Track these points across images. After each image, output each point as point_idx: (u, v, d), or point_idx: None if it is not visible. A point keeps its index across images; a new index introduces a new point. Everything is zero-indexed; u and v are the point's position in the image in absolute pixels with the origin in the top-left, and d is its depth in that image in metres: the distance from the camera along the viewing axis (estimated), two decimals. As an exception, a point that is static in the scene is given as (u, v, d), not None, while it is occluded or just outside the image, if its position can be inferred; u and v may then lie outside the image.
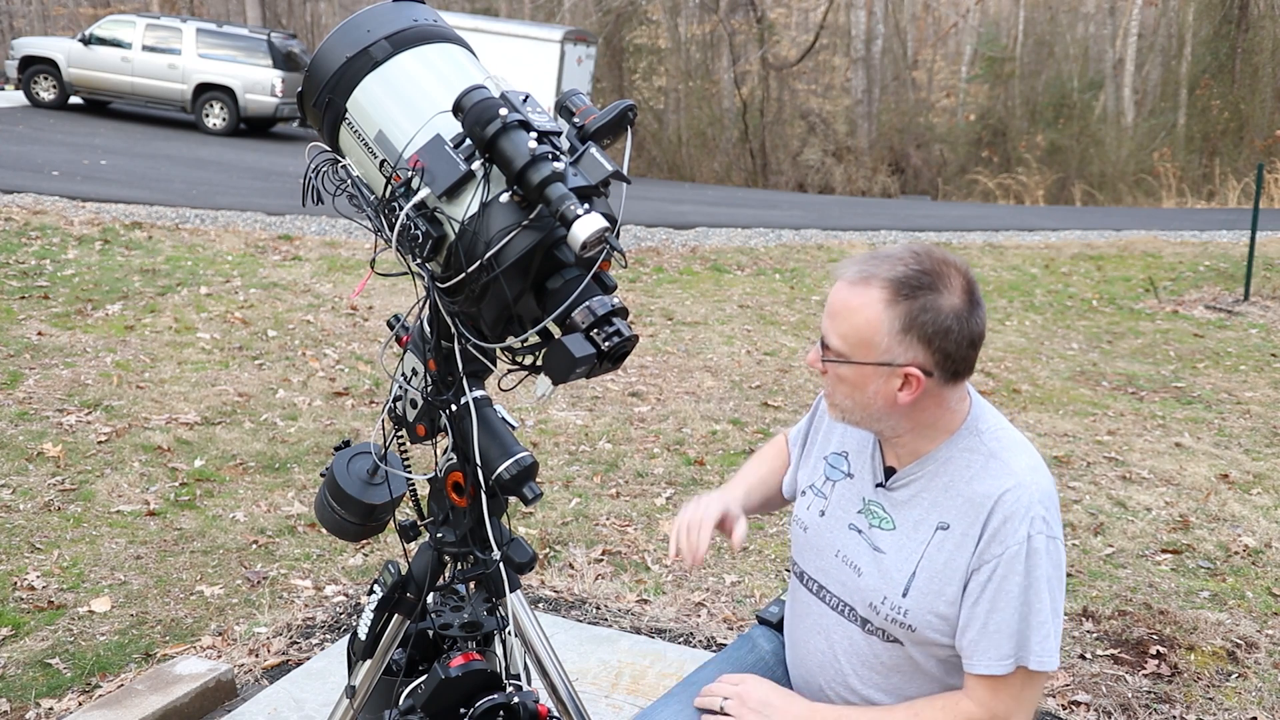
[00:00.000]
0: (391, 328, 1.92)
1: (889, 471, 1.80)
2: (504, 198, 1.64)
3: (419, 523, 1.97)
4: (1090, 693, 3.25)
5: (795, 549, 1.96)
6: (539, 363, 1.74)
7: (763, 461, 2.16)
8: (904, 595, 1.74)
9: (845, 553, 1.82)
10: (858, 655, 1.82)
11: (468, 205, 1.64)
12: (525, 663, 2.01)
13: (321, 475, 1.99)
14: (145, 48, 18.10)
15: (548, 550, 4.07)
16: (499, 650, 1.96)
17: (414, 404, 1.86)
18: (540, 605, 3.61)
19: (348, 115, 1.74)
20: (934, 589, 1.71)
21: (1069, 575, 4.09)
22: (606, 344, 1.67)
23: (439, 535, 1.91)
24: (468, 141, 1.64)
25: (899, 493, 1.78)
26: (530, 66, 17.38)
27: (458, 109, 1.62)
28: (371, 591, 1.95)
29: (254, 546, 3.98)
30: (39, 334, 6.31)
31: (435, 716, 1.83)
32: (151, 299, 7.36)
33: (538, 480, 1.80)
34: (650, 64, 28.87)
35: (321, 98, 1.76)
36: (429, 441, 1.88)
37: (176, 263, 8.50)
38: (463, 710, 1.81)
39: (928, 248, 1.71)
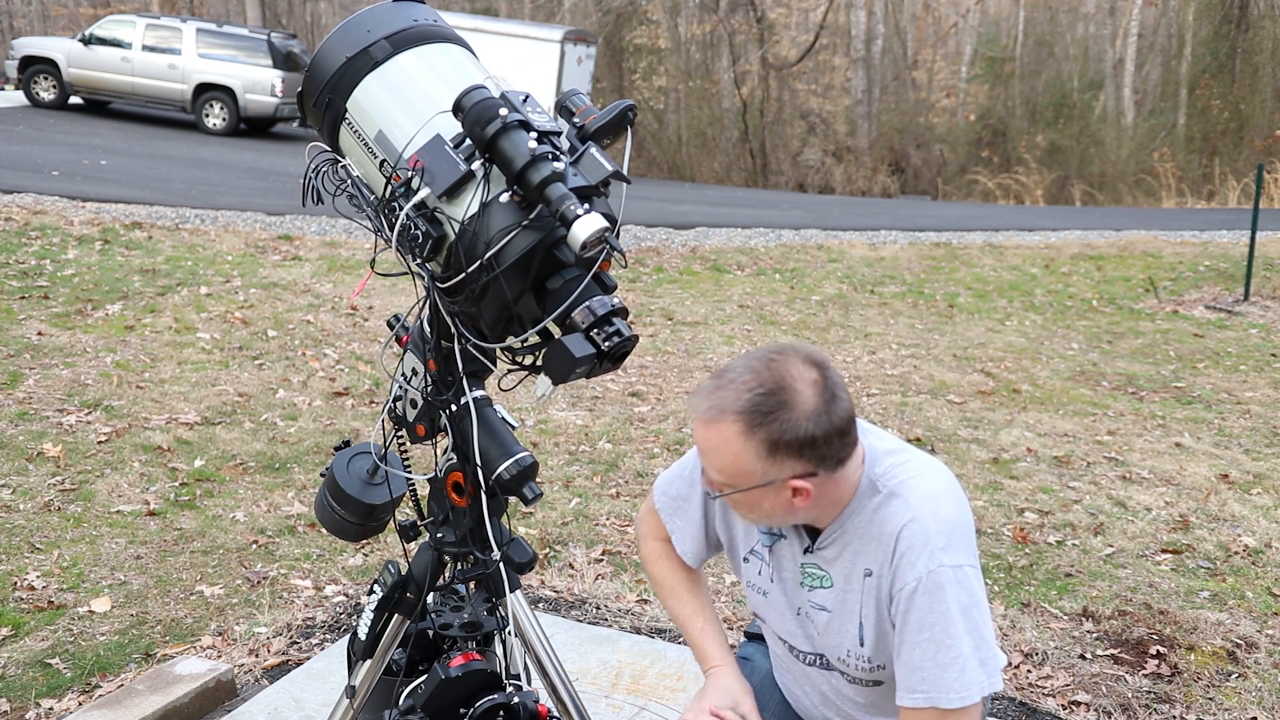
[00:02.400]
0: (391, 328, 1.92)
1: (813, 533, 1.80)
2: (504, 198, 1.64)
3: (419, 523, 1.97)
4: (1090, 693, 3.25)
5: (757, 609, 1.95)
6: (539, 363, 1.74)
7: (692, 604, 2.03)
8: (862, 645, 1.76)
9: (805, 610, 1.84)
10: (848, 698, 1.86)
11: (468, 205, 1.64)
12: (525, 663, 2.01)
13: (321, 475, 1.99)
14: (145, 48, 18.09)
15: (548, 550, 4.07)
16: (499, 650, 1.96)
17: (414, 404, 1.86)
18: (540, 605, 3.61)
19: (348, 115, 1.74)
20: (882, 631, 1.73)
21: (1069, 575, 4.10)
22: (606, 344, 1.67)
23: (439, 535, 1.91)
24: (468, 141, 1.64)
25: (827, 551, 1.78)
26: (530, 66, 17.37)
27: (458, 109, 1.62)
28: (371, 591, 1.95)
29: (254, 546, 3.98)
30: (39, 334, 6.31)
31: (435, 716, 1.83)
32: (151, 299, 7.36)
33: (538, 480, 1.80)
34: (650, 64, 28.86)
35: (321, 98, 1.76)
36: (429, 441, 1.88)
37: (176, 263, 8.49)
38: (463, 710, 1.81)
39: (765, 357, 1.65)
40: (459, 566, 1.94)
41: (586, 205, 1.60)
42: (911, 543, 1.66)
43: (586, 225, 1.56)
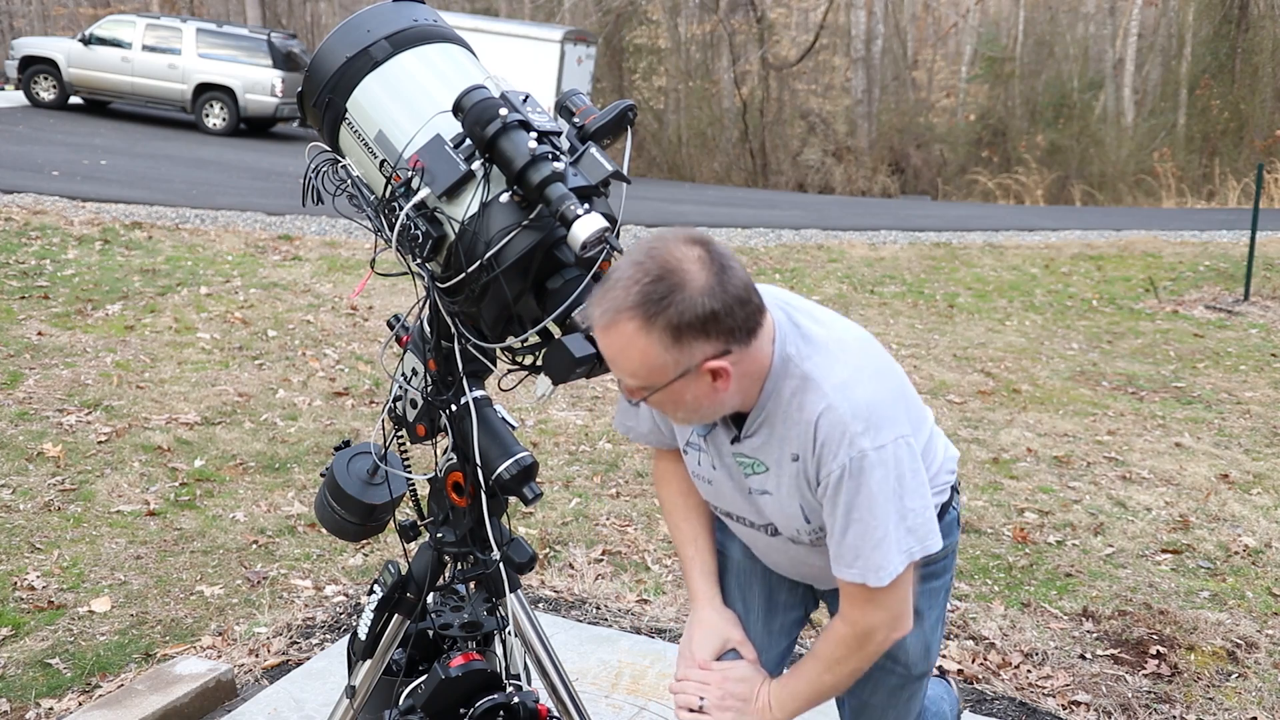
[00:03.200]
0: (391, 328, 1.92)
1: (739, 422, 1.78)
2: (504, 198, 1.64)
3: (419, 523, 1.97)
4: (1090, 693, 3.25)
5: (708, 498, 1.96)
6: (539, 363, 1.74)
7: (687, 532, 2.06)
8: (808, 522, 1.79)
9: (753, 487, 1.83)
10: (814, 563, 1.88)
11: (468, 205, 1.64)
12: (525, 663, 2.01)
13: (321, 475, 1.99)
14: (145, 48, 18.09)
15: (548, 550, 4.07)
16: (499, 650, 1.96)
17: (414, 404, 1.86)
18: (540, 605, 3.61)
19: (348, 115, 1.75)
20: (819, 510, 1.75)
21: (1069, 575, 4.10)
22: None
23: (439, 535, 1.91)
24: (468, 141, 1.64)
25: (754, 439, 1.77)
26: (530, 66, 17.38)
27: (458, 109, 1.62)
28: (371, 591, 1.95)
29: (254, 546, 3.98)
30: (39, 334, 6.31)
31: (435, 716, 1.83)
32: (151, 299, 7.36)
33: (538, 480, 1.80)
34: (650, 64, 28.86)
35: (321, 98, 1.76)
36: (429, 441, 1.89)
37: (176, 263, 8.49)
38: (463, 710, 1.81)
39: (644, 248, 1.60)
40: (459, 566, 1.94)
41: (586, 205, 1.60)
42: (829, 432, 1.66)
43: (586, 225, 1.56)
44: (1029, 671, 3.35)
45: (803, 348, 1.71)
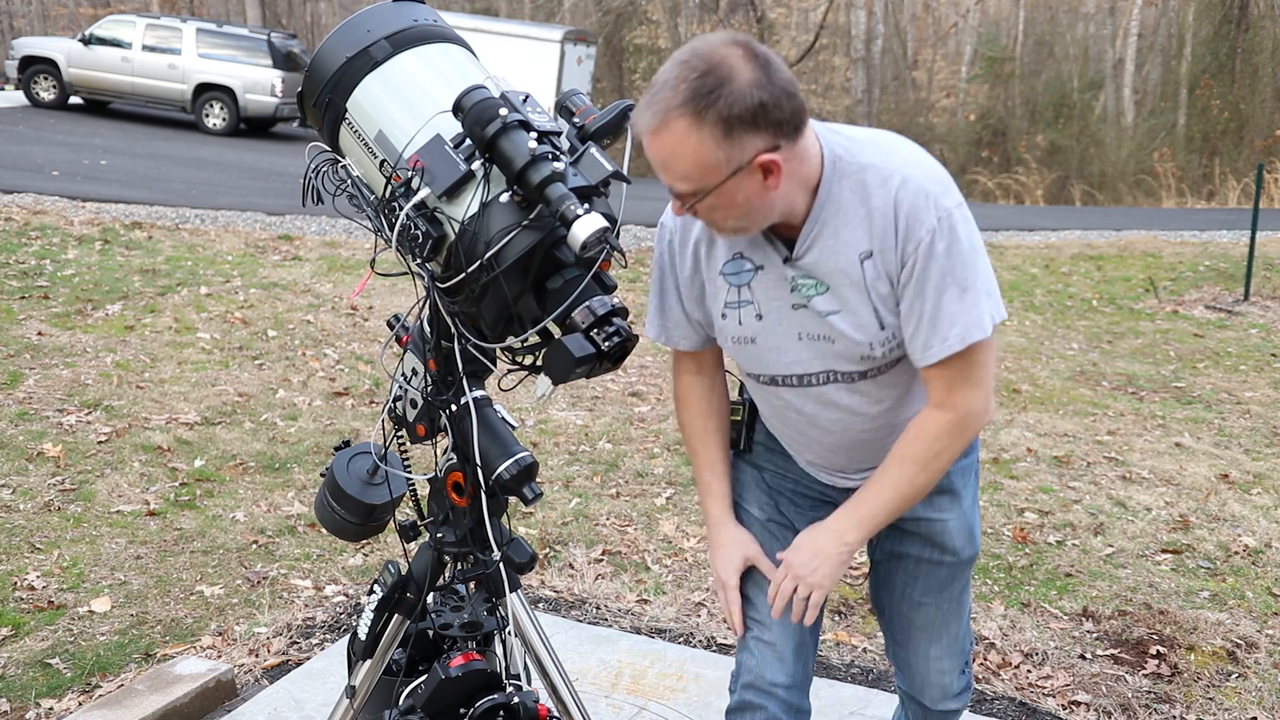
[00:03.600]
0: (391, 328, 1.92)
1: (789, 244, 1.78)
2: (504, 198, 1.64)
3: (419, 523, 1.97)
4: (1090, 693, 3.25)
5: (749, 363, 1.93)
6: (539, 363, 1.74)
7: (705, 457, 2.07)
8: (882, 328, 1.78)
9: (806, 331, 1.82)
10: (874, 398, 1.87)
11: (468, 205, 1.64)
12: (525, 663, 2.01)
13: (321, 475, 1.99)
14: (145, 48, 18.09)
15: (548, 550, 4.07)
16: (499, 650, 1.96)
17: (414, 404, 1.86)
18: (540, 605, 3.61)
19: (348, 115, 1.75)
20: (894, 303, 1.75)
21: (1069, 575, 4.10)
22: (606, 344, 1.67)
23: (439, 535, 1.91)
24: (468, 141, 1.64)
25: (810, 255, 1.77)
26: (530, 66, 17.39)
27: (458, 109, 1.62)
28: (371, 591, 1.95)
29: (254, 546, 3.98)
30: (39, 334, 6.31)
31: (435, 716, 1.83)
32: (151, 299, 7.37)
33: (538, 480, 1.80)
34: (650, 64, 28.85)
35: (321, 98, 1.76)
36: (429, 441, 1.89)
37: (176, 263, 8.50)
38: (463, 710, 1.81)
39: (689, 49, 1.62)
40: (459, 566, 1.94)
41: (586, 205, 1.60)
42: (914, 200, 1.69)
43: (586, 225, 1.56)
44: (1029, 671, 3.35)
45: (850, 147, 1.74)
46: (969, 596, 2.16)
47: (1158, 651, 3.51)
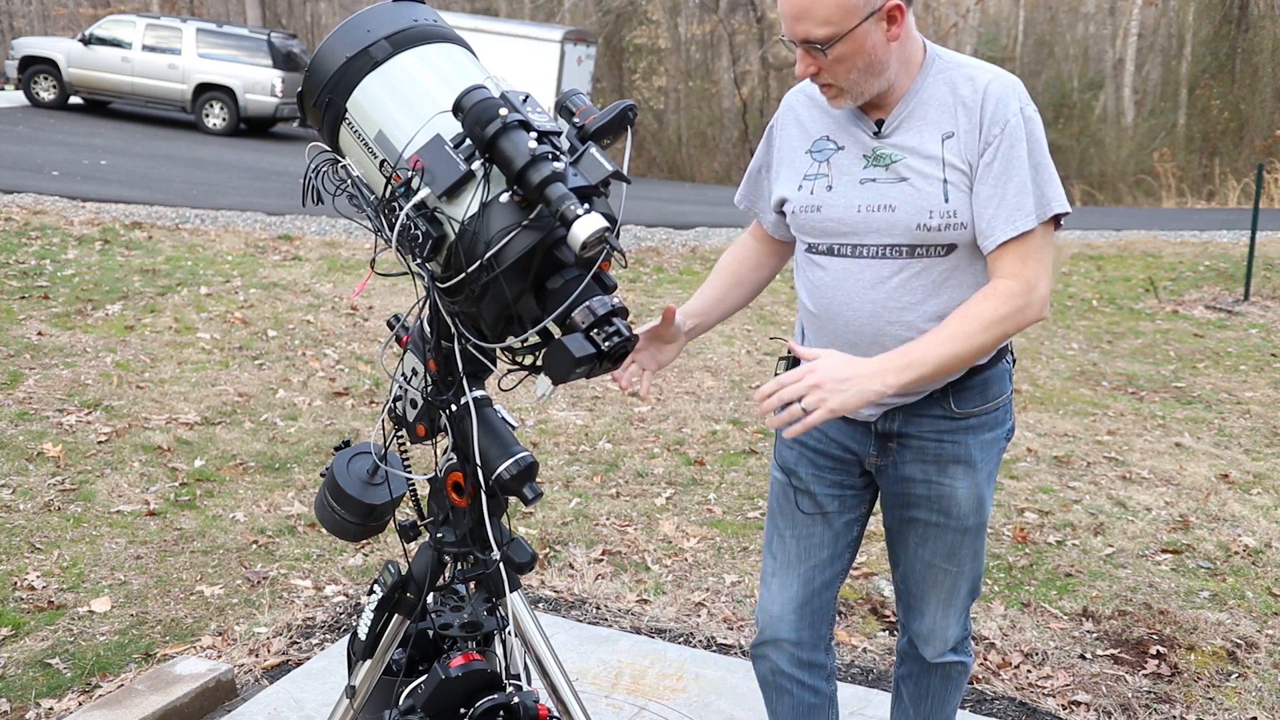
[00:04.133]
0: (391, 328, 1.92)
1: (879, 124, 1.97)
2: (504, 198, 1.64)
3: (419, 523, 1.97)
4: (1090, 693, 3.25)
5: (808, 232, 2.07)
6: (539, 363, 1.74)
7: (709, 281, 2.29)
8: (946, 201, 1.92)
9: (867, 203, 1.97)
10: (910, 289, 1.97)
11: (468, 205, 1.64)
12: (525, 663, 2.01)
13: (321, 475, 1.99)
14: (145, 48, 18.09)
15: (548, 550, 4.07)
16: (499, 650, 1.96)
17: (414, 404, 1.86)
18: (540, 605, 3.61)
19: (348, 115, 1.74)
20: (964, 186, 1.92)
21: (1069, 575, 4.10)
22: (606, 344, 1.67)
23: (439, 535, 1.91)
24: (468, 141, 1.64)
25: (896, 134, 1.96)
26: (530, 66, 17.38)
27: (458, 109, 1.62)
28: (371, 591, 1.95)
29: (254, 546, 3.98)
30: (39, 334, 6.31)
31: (435, 716, 1.83)
32: (151, 299, 7.37)
33: (538, 480, 1.80)
34: (650, 64, 28.87)
35: (321, 98, 1.76)
36: (429, 441, 1.89)
37: (176, 263, 8.50)
38: (463, 710, 1.81)
39: None
40: (459, 566, 1.94)
41: (586, 205, 1.60)
42: (1001, 92, 1.91)
43: (586, 225, 1.56)
44: (1029, 671, 3.35)
45: (945, 54, 1.98)
46: (981, 561, 2.24)
47: (1158, 651, 3.51)
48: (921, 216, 1.93)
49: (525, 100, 1.67)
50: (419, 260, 1.67)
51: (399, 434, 1.93)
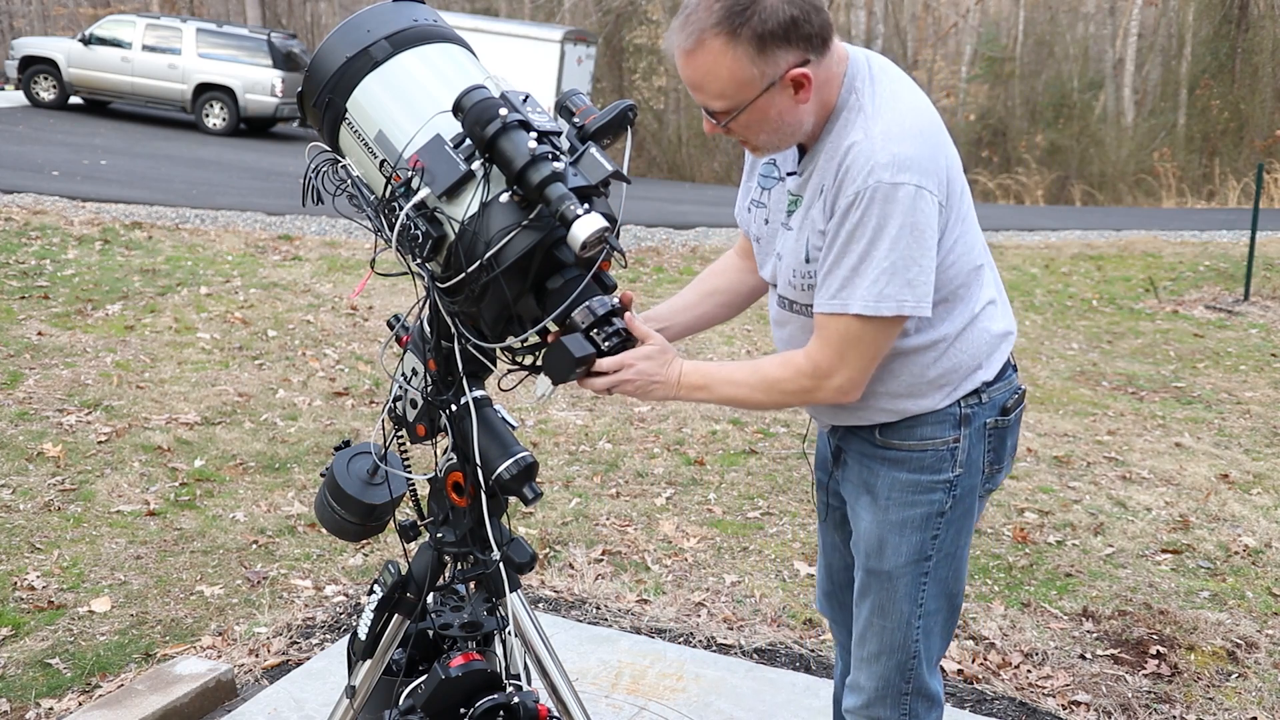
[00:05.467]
0: (391, 328, 1.92)
1: (802, 153, 1.84)
2: (504, 198, 1.64)
3: (419, 523, 1.97)
4: (1090, 693, 3.25)
5: (758, 261, 2.01)
6: (539, 363, 1.74)
7: (686, 290, 2.23)
8: (806, 261, 1.81)
9: (781, 250, 1.88)
10: (799, 343, 1.89)
11: (468, 205, 1.64)
12: (525, 663, 2.01)
13: (321, 475, 1.99)
14: (145, 48, 18.08)
15: (548, 550, 4.07)
16: (499, 650, 1.96)
17: (414, 404, 1.86)
18: (540, 605, 3.61)
19: (348, 115, 1.74)
20: (820, 248, 1.78)
21: (1069, 575, 4.10)
22: (606, 344, 1.67)
23: (439, 535, 1.91)
24: (468, 141, 1.64)
25: (805, 177, 1.82)
26: (530, 66, 17.37)
27: (458, 109, 1.62)
28: (371, 591, 1.95)
29: (254, 546, 3.98)
30: (39, 334, 6.31)
31: (435, 716, 1.83)
32: (151, 299, 7.36)
33: (538, 480, 1.80)
34: (650, 64, 28.83)
35: (321, 98, 1.76)
36: (429, 441, 1.89)
37: (176, 263, 8.49)
38: (463, 710, 1.81)
39: None
40: (459, 566, 1.94)
41: (586, 205, 1.60)
42: (854, 163, 1.70)
43: (586, 225, 1.56)
44: (1029, 671, 3.35)
45: (866, 87, 1.76)
46: (906, 635, 1.97)
47: (1158, 651, 3.51)
48: (788, 274, 1.85)
49: (525, 100, 1.67)
50: (419, 260, 1.67)
51: (399, 434, 1.93)
